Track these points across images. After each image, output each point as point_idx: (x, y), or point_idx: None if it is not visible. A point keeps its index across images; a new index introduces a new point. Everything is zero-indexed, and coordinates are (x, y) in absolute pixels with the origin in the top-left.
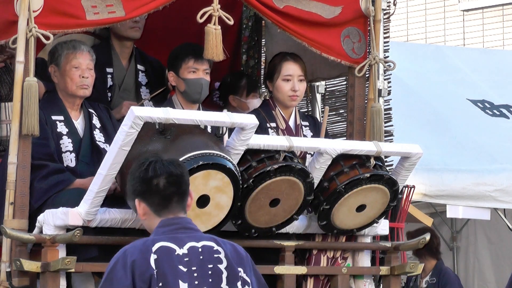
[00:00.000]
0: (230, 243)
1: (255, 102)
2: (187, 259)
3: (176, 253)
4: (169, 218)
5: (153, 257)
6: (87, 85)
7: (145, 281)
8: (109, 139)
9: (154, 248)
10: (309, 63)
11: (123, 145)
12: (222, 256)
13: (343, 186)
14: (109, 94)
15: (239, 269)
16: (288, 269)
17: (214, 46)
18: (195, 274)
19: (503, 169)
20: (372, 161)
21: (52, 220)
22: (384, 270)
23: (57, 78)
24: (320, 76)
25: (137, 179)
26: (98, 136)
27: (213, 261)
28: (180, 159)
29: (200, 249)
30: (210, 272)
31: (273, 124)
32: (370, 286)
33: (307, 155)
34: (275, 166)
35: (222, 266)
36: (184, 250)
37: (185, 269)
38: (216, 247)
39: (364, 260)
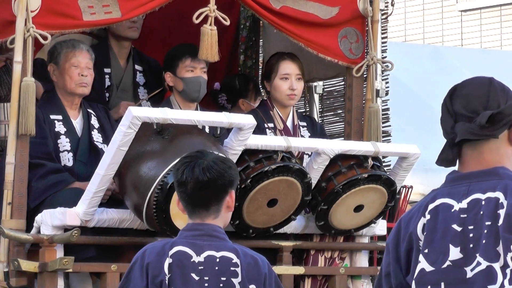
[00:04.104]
0: (254, 256)
1: None
2: (202, 267)
3: (191, 260)
4: (195, 223)
5: (168, 261)
6: (86, 83)
7: (156, 285)
8: (107, 140)
9: (171, 252)
10: (306, 64)
11: (121, 145)
12: (238, 270)
13: (341, 187)
14: (107, 95)
15: (251, 286)
16: (286, 269)
17: (209, 47)
18: (206, 285)
19: None
20: (370, 162)
21: (50, 220)
22: None
23: (56, 76)
24: (317, 76)
25: (174, 178)
26: (96, 136)
27: (228, 273)
28: (177, 160)
29: (218, 259)
30: (221, 285)
31: (271, 125)
32: (367, 286)
33: (305, 155)
34: (273, 166)
35: (236, 280)
36: (201, 258)
37: (197, 278)
38: (235, 259)
39: (362, 260)
